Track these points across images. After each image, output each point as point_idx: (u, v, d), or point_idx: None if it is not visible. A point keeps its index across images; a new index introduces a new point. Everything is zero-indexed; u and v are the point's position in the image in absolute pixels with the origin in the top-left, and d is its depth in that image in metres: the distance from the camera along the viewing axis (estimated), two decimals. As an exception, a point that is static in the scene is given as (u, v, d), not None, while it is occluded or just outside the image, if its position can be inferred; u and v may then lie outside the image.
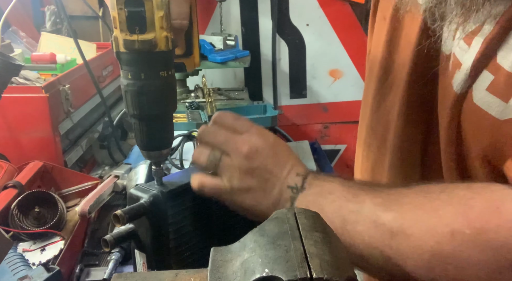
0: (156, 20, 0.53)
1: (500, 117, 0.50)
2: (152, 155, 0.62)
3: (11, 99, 1.01)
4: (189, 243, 0.67)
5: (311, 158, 1.91)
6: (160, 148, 0.61)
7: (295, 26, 2.12)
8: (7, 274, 0.76)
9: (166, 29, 0.54)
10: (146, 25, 0.53)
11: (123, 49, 0.54)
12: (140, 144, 0.61)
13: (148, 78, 0.55)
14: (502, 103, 0.49)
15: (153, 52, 0.54)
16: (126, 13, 0.53)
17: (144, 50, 0.54)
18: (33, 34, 1.62)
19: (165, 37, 0.54)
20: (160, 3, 0.53)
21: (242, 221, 0.75)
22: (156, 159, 0.62)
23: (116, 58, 0.56)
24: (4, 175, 0.93)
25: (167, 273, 0.45)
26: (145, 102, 0.56)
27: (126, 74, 0.56)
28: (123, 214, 0.59)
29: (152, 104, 0.57)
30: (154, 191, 0.62)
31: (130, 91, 0.56)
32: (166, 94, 0.57)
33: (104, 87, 1.40)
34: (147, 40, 0.53)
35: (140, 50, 0.54)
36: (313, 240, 0.40)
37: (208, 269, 0.41)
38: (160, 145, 0.61)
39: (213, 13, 2.07)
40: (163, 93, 0.57)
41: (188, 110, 1.70)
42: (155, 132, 0.60)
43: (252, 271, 0.37)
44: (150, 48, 0.54)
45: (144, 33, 0.53)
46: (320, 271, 0.36)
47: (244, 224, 0.76)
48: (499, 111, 0.50)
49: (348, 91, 2.20)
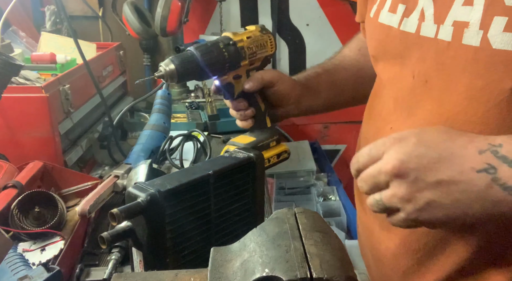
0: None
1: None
2: None
3: (11, 99, 1.01)
4: (187, 243, 0.67)
5: (311, 158, 1.91)
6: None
7: (295, 26, 2.12)
8: (7, 274, 0.76)
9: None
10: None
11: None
12: None
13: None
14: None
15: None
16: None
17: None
18: (33, 34, 1.62)
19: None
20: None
21: (241, 221, 0.76)
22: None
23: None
24: (4, 175, 0.93)
25: (167, 273, 0.45)
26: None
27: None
28: (119, 213, 0.59)
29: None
30: (151, 190, 0.62)
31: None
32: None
33: (104, 87, 1.40)
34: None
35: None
36: (313, 240, 0.40)
37: (208, 269, 0.41)
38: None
39: (213, 13, 2.07)
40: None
41: (188, 110, 1.70)
42: None
43: (252, 271, 0.37)
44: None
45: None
46: (320, 271, 0.36)
47: (244, 224, 0.76)
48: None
49: (348, 91, 2.19)
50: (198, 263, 0.67)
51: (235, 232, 0.74)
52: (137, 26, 1.63)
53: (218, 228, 0.71)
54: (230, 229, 0.73)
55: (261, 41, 0.95)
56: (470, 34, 0.57)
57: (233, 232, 0.74)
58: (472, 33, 0.56)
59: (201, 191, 0.68)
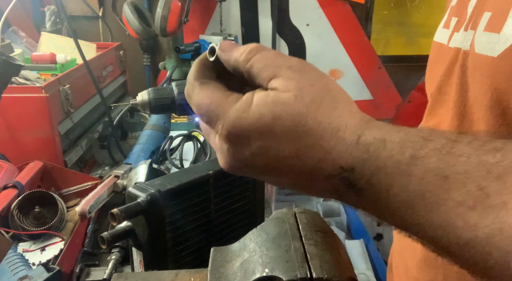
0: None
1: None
2: None
3: (11, 99, 1.01)
4: (187, 243, 0.67)
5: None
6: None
7: (295, 26, 2.12)
8: (7, 274, 0.76)
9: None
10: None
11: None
12: None
13: None
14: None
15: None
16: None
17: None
18: (33, 34, 1.62)
19: None
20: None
21: (241, 221, 0.76)
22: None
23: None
24: (4, 175, 0.93)
25: (167, 273, 0.45)
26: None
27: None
28: (119, 213, 0.59)
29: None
30: (151, 190, 0.62)
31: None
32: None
33: (104, 87, 1.40)
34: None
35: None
36: (313, 240, 0.40)
37: (208, 269, 0.41)
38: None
39: (213, 13, 2.07)
40: None
41: (188, 110, 1.70)
42: None
43: (252, 271, 0.37)
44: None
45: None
46: (320, 271, 0.36)
47: (244, 224, 0.76)
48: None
49: (348, 91, 2.14)
50: (198, 263, 0.67)
51: (235, 232, 0.74)
52: (137, 26, 1.63)
53: (218, 228, 0.71)
54: (230, 229, 0.73)
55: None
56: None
57: (233, 232, 0.74)
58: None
59: (201, 191, 0.68)
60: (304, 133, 0.36)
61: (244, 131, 0.37)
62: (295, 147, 0.36)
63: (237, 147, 0.38)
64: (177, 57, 1.67)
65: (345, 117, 0.37)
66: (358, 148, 0.35)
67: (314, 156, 0.36)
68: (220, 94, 0.39)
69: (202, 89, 0.40)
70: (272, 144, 0.36)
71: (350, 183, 0.35)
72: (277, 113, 0.36)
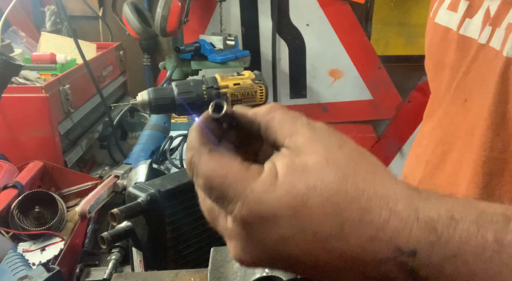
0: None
1: None
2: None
3: (11, 99, 1.01)
4: (187, 243, 0.67)
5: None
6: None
7: (295, 26, 2.12)
8: (7, 274, 0.76)
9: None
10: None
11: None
12: None
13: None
14: None
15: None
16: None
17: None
18: (33, 34, 1.62)
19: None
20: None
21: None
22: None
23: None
24: (4, 175, 0.93)
25: (167, 273, 0.45)
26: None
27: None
28: (119, 213, 0.59)
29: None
30: (151, 190, 0.62)
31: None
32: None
33: (104, 87, 1.40)
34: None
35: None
36: (313, 240, 0.39)
37: (208, 269, 0.41)
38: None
39: (213, 13, 2.06)
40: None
41: (188, 110, 1.70)
42: None
43: (252, 271, 0.37)
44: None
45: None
46: (320, 271, 0.36)
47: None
48: None
49: (348, 91, 2.19)
50: (198, 263, 0.67)
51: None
52: (137, 26, 1.63)
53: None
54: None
55: (250, 90, 0.92)
56: None
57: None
58: None
59: (201, 191, 0.67)
60: (346, 204, 0.28)
61: (271, 209, 0.29)
62: (337, 223, 0.28)
63: (260, 231, 0.30)
64: (177, 57, 1.67)
65: (390, 185, 0.30)
66: (419, 226, 0.28)
67: (362, 234, 0.28)
68: (238, 165, 0.32)
69: (213, 157, 0.32)
70: (307, 222, 0.29)
71: (410, 269, 0.28)
72: (311, 182, 0.29)
